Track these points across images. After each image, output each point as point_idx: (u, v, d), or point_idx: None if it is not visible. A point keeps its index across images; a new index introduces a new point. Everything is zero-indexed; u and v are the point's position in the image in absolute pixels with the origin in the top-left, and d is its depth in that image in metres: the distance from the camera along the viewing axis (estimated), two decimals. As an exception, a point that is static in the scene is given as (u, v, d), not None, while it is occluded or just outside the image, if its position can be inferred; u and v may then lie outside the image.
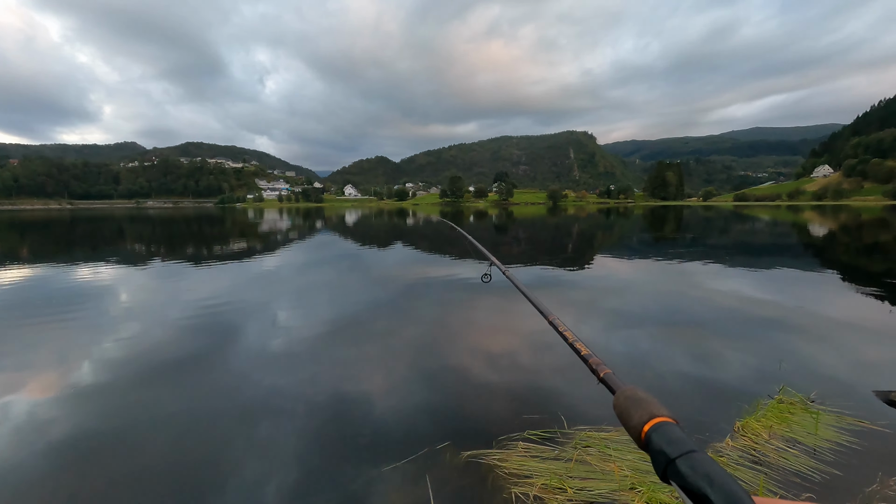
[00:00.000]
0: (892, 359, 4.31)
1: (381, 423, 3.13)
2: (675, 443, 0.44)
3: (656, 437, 0.46)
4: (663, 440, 0.45)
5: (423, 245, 16.21)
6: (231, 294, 7.38)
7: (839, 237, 18.44)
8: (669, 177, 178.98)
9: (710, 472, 0.39)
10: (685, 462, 0.41)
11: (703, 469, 0.39)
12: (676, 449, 0.43)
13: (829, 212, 48.47)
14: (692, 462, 0.40)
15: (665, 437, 0.45)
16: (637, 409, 0.51)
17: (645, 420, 0.49)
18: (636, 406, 0.52)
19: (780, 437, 2.87)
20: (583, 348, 0.72)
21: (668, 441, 0.44)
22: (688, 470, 0.40)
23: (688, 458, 0.41)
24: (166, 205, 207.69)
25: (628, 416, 0.52)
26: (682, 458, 0.41)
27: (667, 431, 0.46)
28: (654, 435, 0.47)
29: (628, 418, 0.52)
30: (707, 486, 0.37)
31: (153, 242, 17.68)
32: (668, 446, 0.44)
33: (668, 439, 0.45)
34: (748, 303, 6.58)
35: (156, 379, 3.98)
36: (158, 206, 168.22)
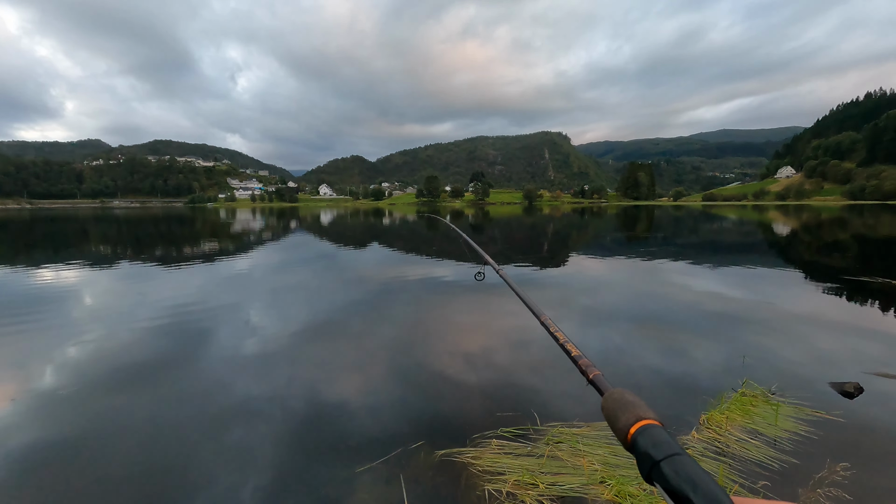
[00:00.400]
0: (847, 352, 4.52)
1: (356, 424, 3.12)
2: (660, 445, 0.44)
3: (642, 439, 0.47)
4: (649, 443, 0.46)
5: (400, 245, 16.16)
6: (202, 296, 7.22)
7: (801, 236, 19.22)
8: (641, 177, 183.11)
9: (693, 475, 0.39)
10: (669, 465, 0.41)
11: (686, 472, 0.40)
12: (661, 451, 0.43)
13: (792, 211, 50.42)
14: (676, 465, 0.41)
15: (651, 439, 0.46)
16: (624, 411, 0.52)
17: (632, 422, 0.50)
18: (623, 408, 0.53)
19: (742, 428, 2.99)
20: (573, 349, 0.74)
21: (653, 444, 0.45)
22: (671, 473, 0.41)
23: (672, 460, 0.42)
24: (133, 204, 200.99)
25: (615, 418, 0.53)
26: (666, 461, 0.42)
27: (653, 434, 0.47)
28: (639, 437, 0.48)
29: (615, 420, 0.53)
30: (690, 490, 0.38)
31: (119, 243, 17.11)
32: (653, 449, 0.44)
33: (654, 442, 0.45)
34: (715, 299, 6.80)
35: (121, 385, 3.86)
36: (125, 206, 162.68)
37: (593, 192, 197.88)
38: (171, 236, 20.93)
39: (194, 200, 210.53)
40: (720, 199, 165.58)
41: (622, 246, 15.52)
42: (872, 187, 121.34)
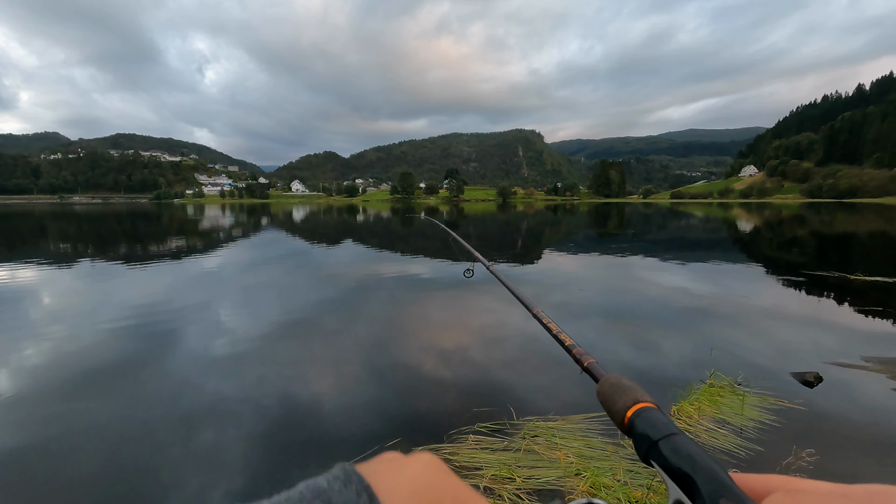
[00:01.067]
0: (807, 343, 4.72)
1: (331, 422, 3.07)
2: (657, 426, 0.45)
3: (639, 421, 0.48)
4: (646, 424, 0.46)
5: (374, 242, 16.04)
6: (169, 295, 6.99)
7: (763, 233, 19.96)
8: (612, 175, 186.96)
9: (692, 452, 0.40)
10: (667, 444, 0.42)
11: (684, 450, 0.40)
12: (658, 432, 0.44)
13: (755, 209, 52.35)
14: (674, 444, 0.42)
15: (648, 421, 0.47)
16: (621, 395, 0.53)
17: (629, 405, 0.50)
18: (620, 393, 0.53)
19: (711, 418, 3.08)
20: (567, 339, 0.75)
21: (650, 425, 0.46)
22: (669, 452, 0.41)
23: (669, 440, 0.42)
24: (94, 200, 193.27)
25: (612, 402, 0.53)
26: (664, 441, 0.43)
27: (650, 416, 0.48)
28: (637, 420, 0.48)
29: (612, 404, 0.53)
30: (689, 467, 0.38)
31: (80, 241, 16.41)
32: (650, 430, 0.45)
33: (651, 423, 0.46)
34: (684, 294, 6.99)
35: (84, 388, 3.70)
36: (86, 202, 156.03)
37: (566, 189, 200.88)
38: (136, 234, 20.20)
39: (160, 196, 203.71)
40: (687, 197, 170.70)
41: (594, 242, 15.81)
42: (829, 186, 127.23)
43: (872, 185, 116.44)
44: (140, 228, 23.55)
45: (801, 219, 29.68)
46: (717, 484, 0.35)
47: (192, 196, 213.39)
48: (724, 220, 29.54)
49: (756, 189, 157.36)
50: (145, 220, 31.36)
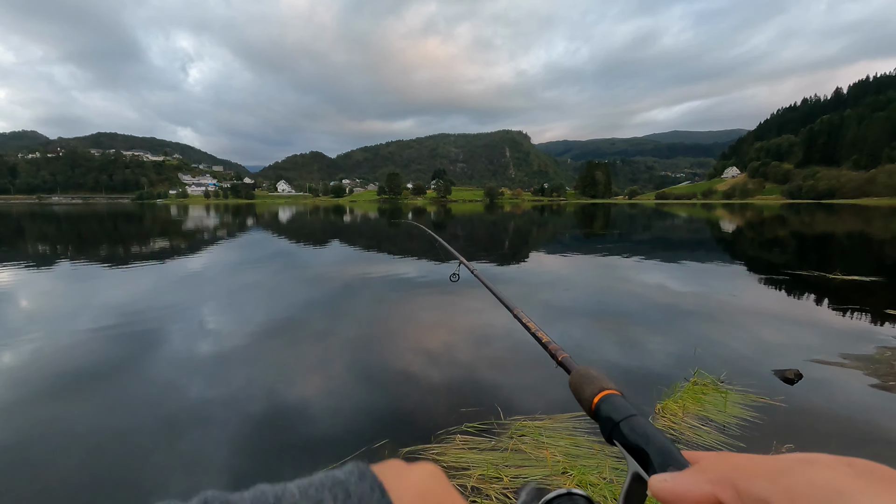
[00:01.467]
0: (788, 341, 4.81)
1: (318, 425, 3.05)
2: (619, 410, 0.50)
3: (604, 406, 0.52)
4: (610, 408, 0.51)
5: (362, 243, 15.96)
6: (152, 297, 6.88)
7: (745, 233, 20.33)
8: (598, 176, 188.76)
9: (646, 431, 0.45)
10: (626, 425, 0.47)
11: (641, 429, 0.45)
12: (620, 414, 0.49)
13: (737, 209, 53.26)
14: (632, 424, 0.47)
15: (611, 405, 0.52)
16: (589, 384, 0.57)
17: (595, 393, 0.55)
18: (588, 382, 0.58)
19: (695, 416, 3.12)
20: (543, 336, 0.82)
21: (613, 409, 0.51)
22: (629, 431, 0.46)
23: (629, 421, 0.47)
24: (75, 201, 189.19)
25: (581, 390, 0.58)
26: (624, 422, 0.48)
27: (613, 401, 0.52)
28: (602, 405, 0.53)
29: (581, 392, 0.58)
30: (644, 443, 0.43)
31: (60, 242, 16.06)
32: (613, 413, 0.50)
33: (614, 407, 0.51)
34: (668, 294, 7.08)
35: (64, 391, 3.62)
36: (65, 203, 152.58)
37: (553, 190, 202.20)
38: (118, 235, 19.84)
39: (143, 197, 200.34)
40: (672, 198, 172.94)
41: (581, 242, 15.94)
42: (808, 187, 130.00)
43: (850, 187, 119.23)
44: (122, 229, 23.12)
45: (782, 219, 30.29)
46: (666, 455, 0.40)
47: (175, 196, 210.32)
48: (707, 221, 30.01)
49: (738, 190, 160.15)
50: (127, 221, 30.80)
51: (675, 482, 0.32)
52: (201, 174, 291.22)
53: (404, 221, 24.68)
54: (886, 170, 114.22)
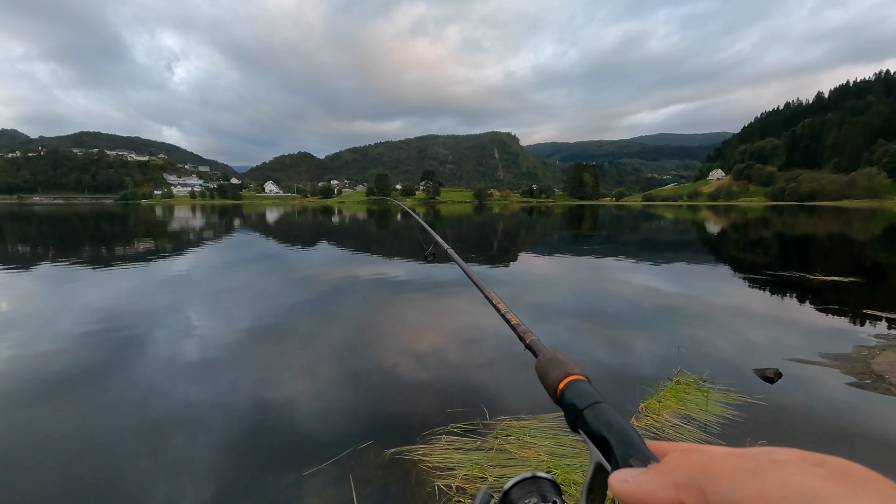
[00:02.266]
0: (769, 340, 4.91)
1: (304, 427, 3.04)
2: (583, 396, 0.48)
3: (569, 392, 0.50)
4: (574, 395, 0.49)
5: (350, 244, 15.90)
6: (136, 299, 6.78)
7: (729, 234, 20.64)
8: (586, 178, 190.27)
9: (609, 419, 0.43)
10: (590, 412, 0.45)
11: (604, 417, 0.44)
12: (584, 401, 0.47)
13: (722, 211, 54.04)
14: (596, 412, 0.45)
15: (576, 392, 0.50)
16: (554, 369, 0.55)
17: (560, 378, 0.53)
18: (553, 366, 0.56)
19: (676, 414, 3.17)
20: (513, 318, 0.80)
21: (578, 395, 0.49)
22: (592, 419, 0.44)
23: (593, 408, 0.45)
24: (56, 201, 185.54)
25: (546, 375, 0.56)
26: (588, 409, 0.46)
27: (578, 387, 0.50)
28: (567, 391, 0.51)
29: (546, 377, 0.56)
30: (607, 431, 0.42)
31: (40, 243, 15.75)
32: (577, 399, 0.48)
33: (579, 394, 0.49)
34: (654, 294, 7.17)
35: (45, 396, 3.56)
36: (47, 203, 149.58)
37: (541, 191, 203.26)
38: (101, 236, 19.50)
39: (127, 197, 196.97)
40: (658, 200, 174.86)
41: (569, 244, 16.05)
42: (791, 189, 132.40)
43: (831, 189, 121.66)
44: (105, 230, 22.73)
45: (765, 221, 30.80)
46: (629, 445, 0.39)
47: (160, 197, 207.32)
48: (693, 223, 30.41)
49: (723, 192, 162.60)
50: (110, 222, 30.29)
51: (637, 483, 0.30)
52: (187, 174, 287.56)
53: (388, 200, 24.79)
54: (865, 173, 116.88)
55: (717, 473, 0.25)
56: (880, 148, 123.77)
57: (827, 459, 0.25)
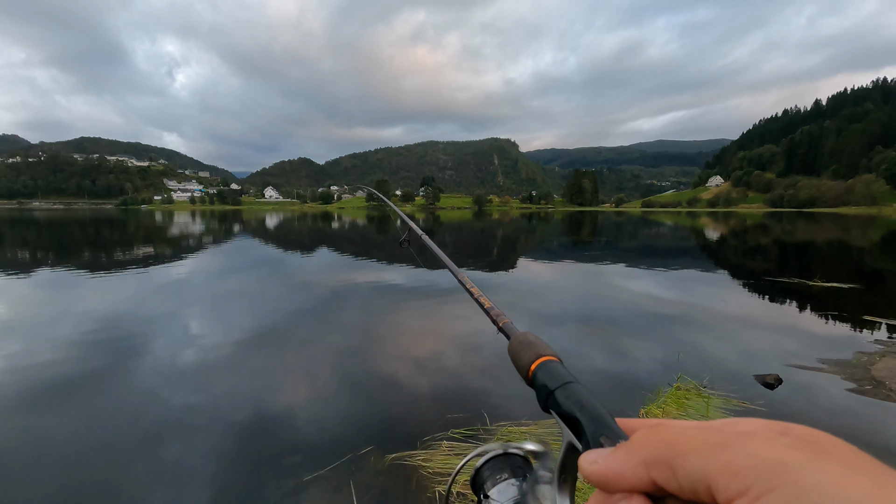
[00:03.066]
0: (769, 346, 4.90)
1: (304, 433, 3.03)
2: (555, 377, 0.47)
3: (541, 373, 0.50)
4: (546, 376, 0.48)
5: (349, 249, 15.90)
6: (135, 304, 6.77)
7: (729, 241, 20.67)
8: (585, 184, 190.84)
9: (580, 398, 0.42)
10: (562, 392, 0.44)
11: (575, 396, 0.43)
12: (556, 382, 0.46)
13: (721, 218, 54.11)
14: (567, 391, 0.44)
15: (548, 373, 0.49)
16: (527, 351, 0.55)
17: (532, 359, 0.52)
18: (526, 349, 0.55)
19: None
20: (486, 302, 0.79)
21: (549, 376, 0.48)
22: (563, 399, 0.43)
23: (564, 388, 0.45)
24: (56, 206, 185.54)
25: (518, 357, 0.55)
26: (559, 389, 0.45)
27: (550, 368, 0.50)
28: (538, 372, 0.50)
29: (518, 359, 0.55)
30: (577, 410, 0.41)
31: (39, 248, 15.74)
32: (549, 380, 0.47)
33: (550, 375, 0.48)
34: (653, 300, 7.17)
35: (42, 401, 3.54)
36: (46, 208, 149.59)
37: (541, 197, 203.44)
38: (100, 241, 19.50)
39: (126, 202, 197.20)
40: (657, 206, 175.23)
41: (568, 250, 16.07)
42: (790, 196, 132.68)
43: (830, 196, 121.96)
44: (104, 235, 22.73)
45: (765, 227, 30.86)
46: (599, 423, 0.38)
47: (160, 202, 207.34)
48: (692, 229, 30.46)
49: (722, 199, 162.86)
50: (110, 227, 30.29)
51: (606, 463, 0.30)
52: (187, 180, 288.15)
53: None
54: (864, 180, 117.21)
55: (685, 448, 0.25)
56: (878, 155, 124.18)
57: (791, 428, 0.25)
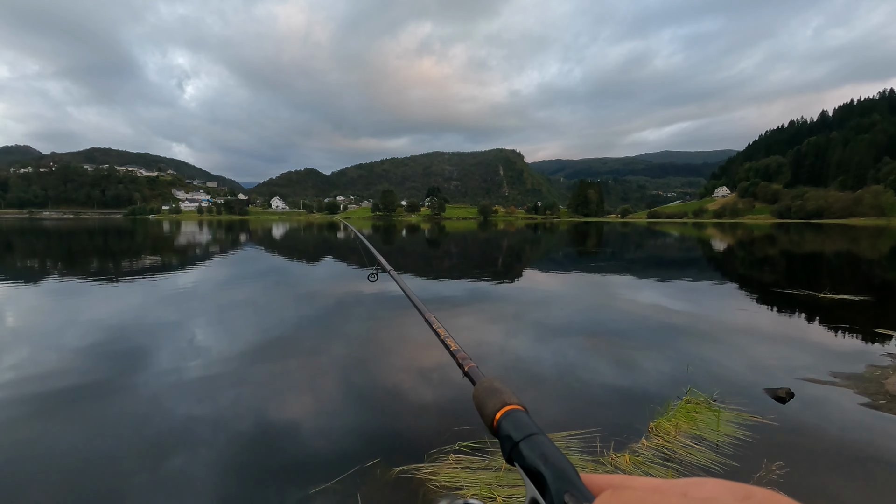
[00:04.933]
0: (779, 359, 4.84)
1: (309, 444, 3.02)
2: (520, 427, 0.46)
3: (505, 423, 0.49)
4: (511, 426, 0.47)
5: (354, 259, 15.93)
6: (141, 313, 6.81)
7: (736, 252, 20.53)
8: (591, 195, 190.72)
9: (545, 451, 0.42)
10: (527, 444, 0.43)
11: (539, 450, 0.42)
12: (521, 433, 0.45)
13: (728, 228, 53.82)
14: (532, 444, 0.43)
15: (512, 423, 0.48)
16: (491, 398, 0.54)
17: (497, 408, 0.51)
18: (491, 396, 0.54)
19: (688, 434, 3.12)
20: (452, 344, 0.78)
21: (514, 427, 0.47)
22: (528, 451, 0.43)
23: (529, 440, 0.44)
24: (66, 215, 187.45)
25: (484, 405, 0.54)
26: (524, 441, 0.44)
27: (515, 418, 0.49)
28: (503, 422, 0.49)
29: (483, 408, 0.54)
30: (542, 465, 0.40)
31: (49, 257, 15.88)
32: (514, 431, 0.46)
33: (515, 425, 0.47)
34: (661, 312, 7.12)
35: (46, 411, 3.55)
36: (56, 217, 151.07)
37: (546, 208, 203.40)
38: (108, 250, 19.67)
39: (135, 212, 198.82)
40: (663, 217, 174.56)
41: (573, 260, 16.01)
42: (797, 207, 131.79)
43: (837, 207, 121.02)
44: (113, 244, 22.92)
45: (772, 238, 30.64)
46: (564, 480, 0.37)
47: (168, 212, 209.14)
48: (698, 240, 30.29)
49: (729, 209, 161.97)
50: (118, 236, 30.56)
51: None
52: (195, 190, 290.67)
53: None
54: (872, 191, 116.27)
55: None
56: (886, 166, 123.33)
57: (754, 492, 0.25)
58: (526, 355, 4.89)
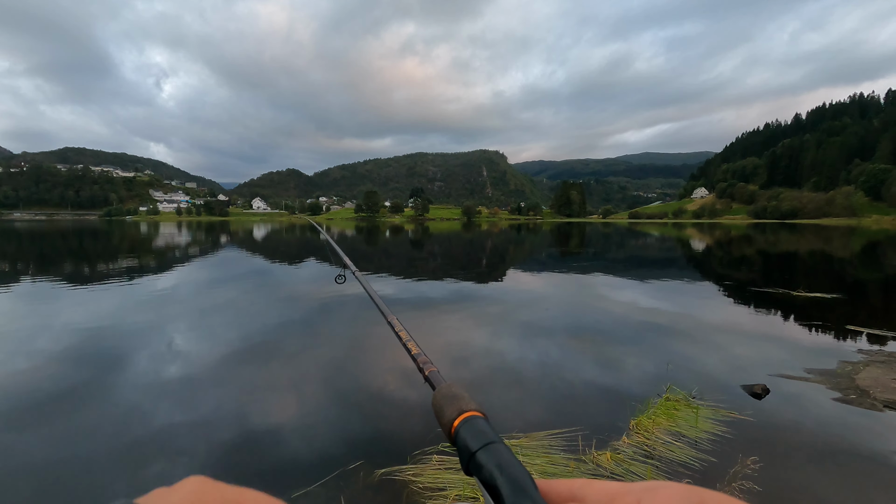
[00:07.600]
0: (755, 356, 4.95)
1: (291, 448, 2.98)
2: (477, 436, 0.44)
3: (463, 431, 0.46)
4: (468, 434, 0.45)
5: (338, 261, 15.80)
6: (117, 317, 6.64)
7: (714, 251, 20.96)
8: (573, 196, 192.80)
9: (501, 461, 0.40)
10: (484, 453, 0.41)
11: (496, 459, 0.40)
12: (478, 442, 0.43)
13: (706, 229, 54.92)
14: (489, 453, 0.41)
15: (470, 431, 0.46)
16: (449, 405, 0.52)
17: (455, 416, 0.49)
18: (449, 402, 0.52)
19: (667, 431, 3.17)
20: (413, 348, 0.76)
21: (472, 435, 0.45)
22: (485, 461, 0.40)
23: (486, 449, 0.42)
24: (38, 217, 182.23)
25: (442, 413, 0.52)
26: (481, 451, 0.42)
27: (473, 425, 0.46)
28: (461, 430, 0.47)
29: (442, 415, 0.52)
30: (498, 475, 0.38)
31: (20, 260, 15.41)
32: (471, 440, 0.44)
33: (473, 433, 0.45)
34: (641, 311, 7.22)
35: (16, 419, 3.44)
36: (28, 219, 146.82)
37: (529, 209, 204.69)
38: (83, 252, 19.15)
39: (111, 213, 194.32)
40: (644, 217, 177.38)
41: (557, 261, 16.15)
42: (773, 207, 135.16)
43: (811, 207, 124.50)
44: (87, 246, 22.33)
45: (749, 238, 31.36)
46: (519, 493, 0.36)
47: (146, 213, 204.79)
48: (678, 240, 30.83)
49: (707, 210, 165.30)
50: (93, 238, 29.78)
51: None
52: (174, 190, 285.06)
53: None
54: (843, 192, 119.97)
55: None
56: (857, 167, 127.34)
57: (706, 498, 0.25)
58: (510, 355, 4.91)
